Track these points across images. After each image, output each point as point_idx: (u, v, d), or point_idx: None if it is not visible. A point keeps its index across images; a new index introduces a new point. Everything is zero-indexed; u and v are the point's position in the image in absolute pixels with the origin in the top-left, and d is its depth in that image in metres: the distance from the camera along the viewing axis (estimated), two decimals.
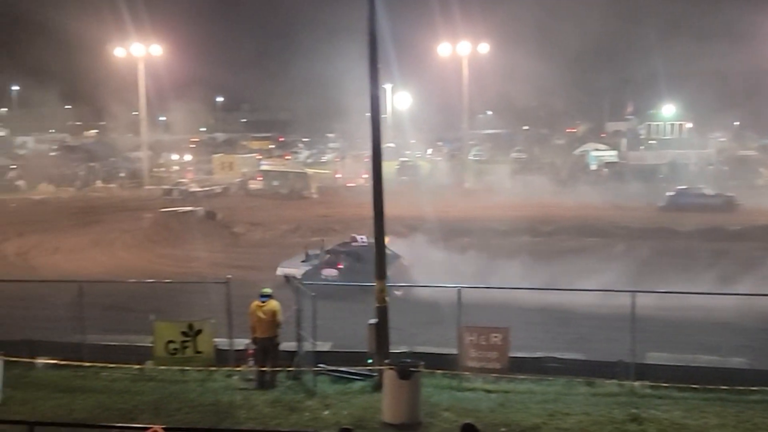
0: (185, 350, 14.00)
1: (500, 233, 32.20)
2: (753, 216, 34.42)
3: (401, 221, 32.95)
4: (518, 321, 14.82)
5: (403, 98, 78.19)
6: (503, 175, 52.42)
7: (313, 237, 33.04)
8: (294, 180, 49.93)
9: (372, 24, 13.26)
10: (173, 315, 15.80)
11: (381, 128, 14.02)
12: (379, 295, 13.36)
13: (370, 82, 13.52)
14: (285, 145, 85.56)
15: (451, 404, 12.31)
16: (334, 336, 15.44)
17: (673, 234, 31.01)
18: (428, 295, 17.65)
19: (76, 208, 41.43)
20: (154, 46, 55.81)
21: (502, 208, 39.41)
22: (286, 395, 12.86)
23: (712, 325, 16.51)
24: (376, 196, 13.76)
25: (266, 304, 13.58)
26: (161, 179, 55.15)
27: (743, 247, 27.70)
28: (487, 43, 57.85)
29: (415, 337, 15.59)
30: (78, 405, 12.22)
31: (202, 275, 19.84)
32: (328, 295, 15.70)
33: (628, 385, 12.96)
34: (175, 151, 71.01)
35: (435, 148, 75.92)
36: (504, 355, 13.40)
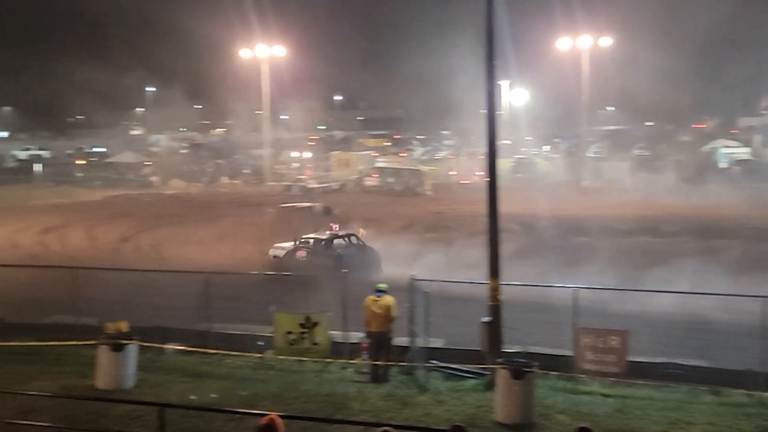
0: (303, 341, 14.48)
1: (619, 233, 31.12)
2: None
3: (515, 219, 32.52)
4: (636, 324, 14.30)
5: (519, 94, 77.01)
6: (623, 173, 50.60)
7: (426, 234, 33.31)
8: (408, 177, 50.30)
9: (489, 18, 13.17)
10: (292, 307, 16.34)
11: (496, 125, 13.92)
12: (492, 293, 13.28)
13: (486, 78, 13.45)
14: (400, 143, 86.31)
15: (565, 407, 12.07)
16: (447, 333, 15.51)
17: None
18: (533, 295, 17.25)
19: (204, 203, 43.64)
20: (277, 46, 57.79)
21: (621, 207, 38.07)
22: (398, 389, 13.03)
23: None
24: (490, 194, 13.67)
25: (381, 298, 13.81)
26: (282, 176, 57.04)
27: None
28: (609, 35, 55.97)
29: (529, 336, 15.39)
30: (204, 389, 12.90)
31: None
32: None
33: (758, 395, 12.25)
34: (295, 148, 73.21)
35: (552, 145, 74.29)
36: (622, 359, 13.00)
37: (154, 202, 45.48)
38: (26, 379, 13.11)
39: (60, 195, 50.23)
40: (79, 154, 71.58)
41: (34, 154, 74.03)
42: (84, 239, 31.99)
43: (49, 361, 14.59)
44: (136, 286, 20.61)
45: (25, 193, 50.32)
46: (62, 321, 16.95)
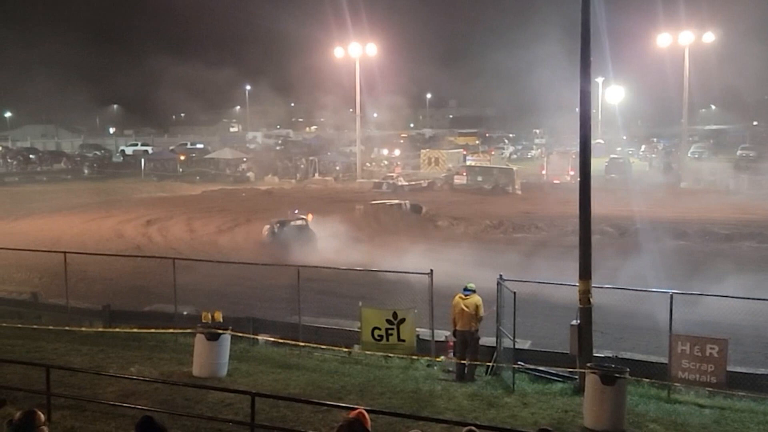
0: (389, 337, 14.59)
1: (720, 237, 29.82)
2: None
3: (608, 220, 31.69)
4: (738, 334, 13.67)
5: (615, 92, 74.81)
6: (726, 175, 48.34)
7: (515, 233, 32.93)
8: (498, 176, 49.79)
9: (585, 14, 12.85)
10: (379, 303, 16.52)
11: (590, 123, 13.60)
12: (583, 296, 12.99)
13: (581, 76, 13.14)
14: (490, 141, 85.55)
15: (658, 416, 11.68)
16: (534, 335, 15.30)
17: None
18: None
19: (297, 199, 44.64)
20: (370, 45, 58.37)
21: (723, 210, 36.43)
22: (484, 390, 12.96)
23: None
24: (583, 194, 13.36)
25: (469, 297, 13.76)
26: (372, 173, 57.61)
27: None
28: (712, 31, 53.55)
29: (622, 342, 14.99)
30: (293, 381, 13.23)
31: (407, 266, 20.49)
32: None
33: None
34: (386, 146, 73.79)
35: (649, 144, 71.81)
36: (721, 369, 12.44)
37: (249, 197, 46.87)
38: (128, 364, 13.83)
39: (162, 189, 52.61)
40: (181, 150, 74.63)
41: (139, 149, 77.78)
42: (184, 231, 33.33)
43: (150, 347, 15.32)
44: (232, 277, 21.34)
45: (130, 187, 53.00)
46: (162, 309, 17.77)
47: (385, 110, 78.24)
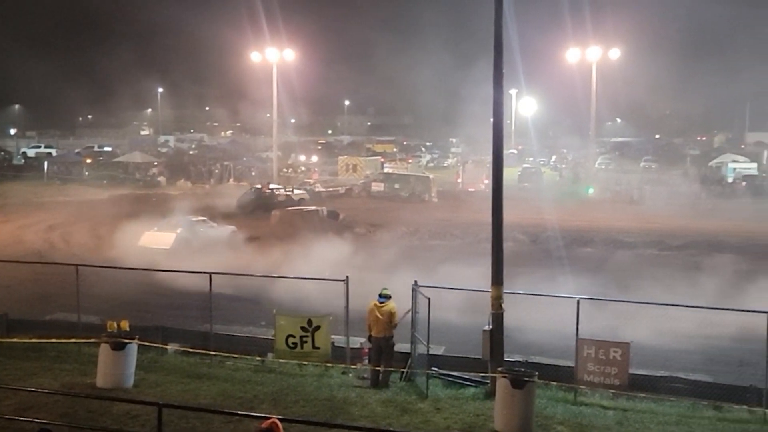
0: (304, 345, 14.45)
1: (624, 245, 31.07)
2: None
3: (520, 228, 32.52)
4: (638, 336, 14.23)
5: (527, 104, 77.00)
6: (630, 185, 50.51)
7: (431, 240, 33.33)
8: (415, 183, 50.33)
9: (498, 28, 13.19)
10: (294, 310, 16.33)
11: (503, 134, 13.92)
12: (495, 301, 13.25)
13: (494, 87, 13.45)
14: (408, 149, 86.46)
15: (565, 418, 12.02)
16: (448, 340, 15.48)
17: None
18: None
19: (208, 205, 43.65)
20: (288, 50, 57.94)
21: (627, 219, 38.00)
22: (398, 396, 13.01)
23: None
24: (495, 202, 13.67)
25: (384, 304, 13.79)
26: (289, 179, 57.15)
27: None
28: (618, 48, 55.97)
29: (532, 346, 15.35)
30: (203, 391, 12.90)
31: (323, 273, 20.39)
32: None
33: (760, 412, 12.17)
34: (303, 152, 73.40)
35: (559, 155, 74.26)
36: (624, 371, 12.93)
37: (160, 202, 45.55)
38: (27, 376, 13.15)
39: (66, 193, 50.42)
40: (88, 153, 71.91)
41: (42, 152, 74.44)
42: (88, 237, 32.08)
43: (51, 358, 14.62)
44: (140, 285, 20.65)
45: (31, 191, 50.55)
46: (65, 318, 17.00)
47: (303, 116, 77.92)
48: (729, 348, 15.81)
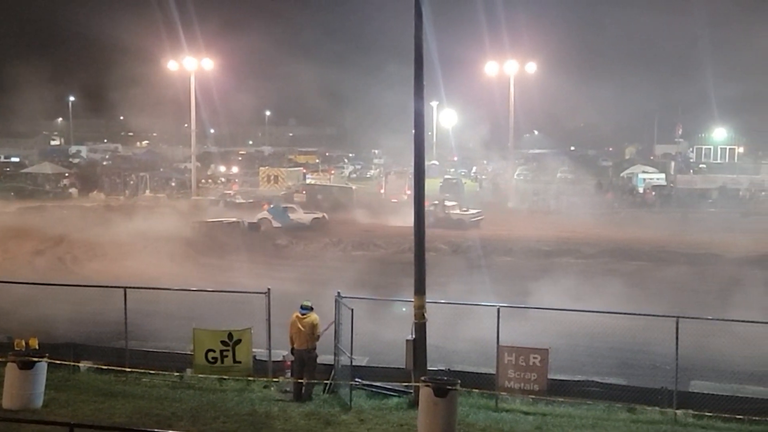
0: (224, 359, 14.13)
1: (541, 254, 31.87)
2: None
3: (442, 238, 32.94)
4: (556, 343, 14.59)
5: (448, 116, 78.22)
6: (547, 196, 51.96)
7: (354, 251, 33.35)
8: (338, 194, 50.27)
9: (418, 40, 13.33)
10: (214, 324, 15.96)
11: (425, 145, 14.05)
12: (418, 311, 13.32)
13: (415, 99, 13.57)
14: (330, 160, 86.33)
15: (487, 424, 12.18)
16: (372, 351, 15.46)
17: (718, 259, 30.18)
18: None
19: (125, 216, 42.31)
20: (206, 60, 56.95)
21: (545, 228, 39.02)
22: (321, 408, 12.88)
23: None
24: (417, 213, 13.77)
25: (306, 316, 13.65)
26: (208, 190, 56.09)
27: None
28: (534, 62, 57.61)
29: (454, 354, 15.49)
30: (118, 409, 12.42)
31: (244, 285, 20.05)
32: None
33: (671, 413, 12.65)
34: (223, 163, 72.21)
35: (480, 166, 75.69)
36: (543, 377, 13.22)
37: (70, 215, 43.77)
38: None
39: None
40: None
41: None
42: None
43: None
44: (53, 300, 19.73)
45: None
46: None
47: (222, 126, 76.70)
48: (642, 351, 16.36)
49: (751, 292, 23.14)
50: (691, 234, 36.98)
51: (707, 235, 35.34)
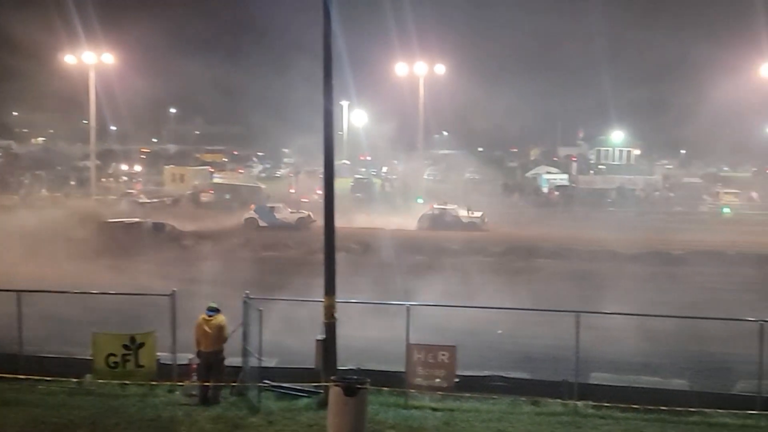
0: (126, 364, 13.66)
1: (450, 252, 32.43)
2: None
3: (353, 238, 32.99)
4: (463, 339, 14.86)
5: (359, 116, 78.46)
6: (455, 196, 52.90)
7: (264, 252, 32.91)
8: (247, 194, 49.55)
9: (327, 39, 13.27)
10: (116, 328, 15.38)
11: (335, 144, 14.01)
12: (327, 311, 13.26)
13: (324, 97, 13.50)
14: (239, 159, 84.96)
15: (396, 422, 12.26)
16: (281, 352, 15.28)
17: (616, 256, 31.54)
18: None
19: (18, 217, 40.23)
20: (106, 54, 54.85)
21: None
22: (229, 411, 12.64)
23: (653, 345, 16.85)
24: (327, 212, 13.70)
25: (213, 318, 13.34)
26: (110, 189, 54.09)
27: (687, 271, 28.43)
28: (443, 64, 58.54)
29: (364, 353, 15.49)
30: (11, 418, 11.79)
31: (148, 288, 19.41)
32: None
33: (572, 404, 13.09)
34: (125, 161, 69.85)
35: (390, 166, 76.27)
36: (451, 374, 13.42)
37: None
38: None
39: None
40: None
41: None
42: None
43: None
44: None
45: None
46: None
47: (125, 123, 74.04)
48: (545, 345, 16.86)
49: (646, 287, 24.39)
50: (591, 232, 38.54)
51: (606, 233, 36.90)
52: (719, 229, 41.13)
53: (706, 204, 53.51)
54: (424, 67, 56.48)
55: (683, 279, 26.01)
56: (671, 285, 24.77)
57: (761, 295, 23.15)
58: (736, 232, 39.12)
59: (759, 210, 51.44)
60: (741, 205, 52.82)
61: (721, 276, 26.88)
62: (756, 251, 32.20)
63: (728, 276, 26.96)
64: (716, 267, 28.67)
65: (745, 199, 54.76)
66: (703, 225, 42.55)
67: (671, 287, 24.11)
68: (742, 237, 36.55)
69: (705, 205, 53.06)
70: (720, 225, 43.80)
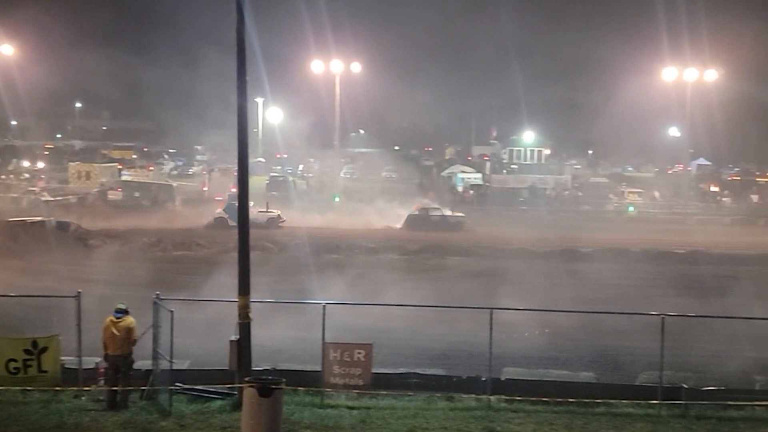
0: (28, 369, 13.06)
1: (367, 250, 32.54)
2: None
3: (268, 237, 32.64)
4: (382, 338, 14.92)
5: (275, 113, 77.55)
6: (373, 194, 53.10)
7: (175, 251, 32.10)
8: (157, 192, 48.23)
9: (240, 35, 13.06)
10: (17, 332, 14.64)
11: (249, 142, 13.79)
12: (242, 311, 13.04)
13: (238, 94, 13.28)
14: (149, 156, 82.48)
15: (312, 422, 12.19)
16: (194, 354, 14.94)
17: (527, 253, 32.44)
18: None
19: None
20: (5, 46, 52.17)
21: (371, 225, 39.95)
22: (138, 416, 12.26)
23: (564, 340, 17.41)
24: (241, 212, 13.48)
25: (121, 320, 12.89)
26: (10, 187, 51.48)
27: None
28: (359, 63, 58.67)
29: (280, 353, 15.34)
30: None
31: (52, 289, 18.60)
32: None
33: (485, 399, 13.35)
34: (27, 157, 66.67)
35: (306, 164, 75.80)
36: (367, 372, 13.45)
37: None
38: None
39: None
40: None
41: None
42: None
43: None
44: None
45: None
46: None
47: (26, 118, 70.61)
48: (461, 342, 17.12)
49: (556, 284, 25.20)
50: (504, 230, 39.51)
51: (518, 231, 37.92)
52: (624, 227, 42.92)
53: (612, 203, 55.70)
54: (340, 65, 56.43)
55: (591, 275, 26.95)
56: (580, 281, 25.63)
57: (663, 290, 24.29)
58: (640, 230, 40.91)
59: (661, 209, 53.97)
60: (644, 203, 55.28)
61: (626, 272, 28.04)
62: (658, 248, 33.79)
63: (633, 272, 28.16)
64: (621, 264, 29.88)
65: (648, 198, 57.33)
66: (609, 223, 44.31)
67: (580, 284, 24.94)
68: (645, 235, 38.24)
69: (611, 204, 55.23)
70: (625, 223, 45.72)
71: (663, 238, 37.25)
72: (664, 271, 29.14)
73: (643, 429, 12.30)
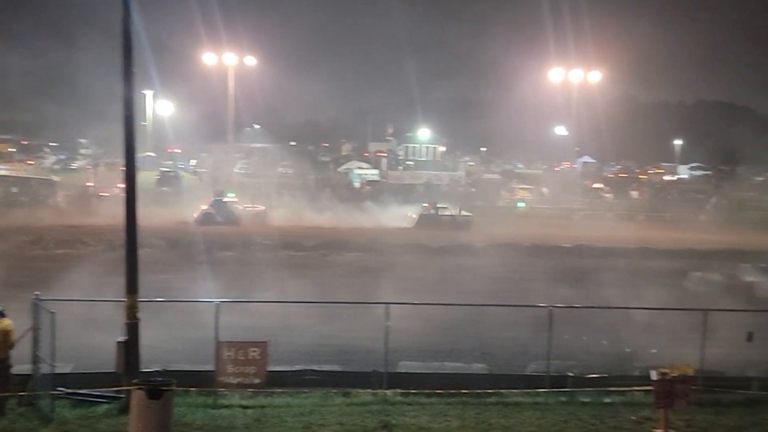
0: None
1: (263, 247, 32.10)
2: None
3: (159, 233, 31.58)
4: (276, 334, 14.74)
5: (165, 106, 75.22)
6: (268, 190, 52.45)
7: (57, 249, 30.56)
8: (37, 187, 45.68)
9: (126, 25, 12.54)
10: None
11: (137, 135, 13.28)
12: (129, 311, 12.54)
13: (124, 85, 12.75)
14: (28, 149, 78.03)
15: (204, 423, 11.90)
16: (78, 356, 14.24)
17: (424, 249, 33.00)
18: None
19: None
20: None
21: (264, 223, 39.44)
22: (17, 423, 11.61)
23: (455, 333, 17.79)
24: (128, 207, 12.94)
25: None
26: None
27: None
28: (254, 56, 57.74)
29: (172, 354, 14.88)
30: None
31: None
32: None
33: (381, 393, 13.45)
34: None
35: (199, 159, 73.98)
36: (262, 370, 13.25)
37: None
38: None
39: None
40: None
41: None
42: None
43: None
44: None
45: None
46: None
47: None
48: (357, 338, 17.16)
49: (450, 278, 25.75)
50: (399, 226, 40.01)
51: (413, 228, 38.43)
52: (515, 222, 44.36)
53: (503, 199, 57.44)
54: (234, 58, 55.35)
55: (484, 270, 27.66)
56: (473, 276, 26.26)
57: (551, 283, 25.28)
58: (529, 225, 42.39)
59: (548, 204, 56.15)
60: (533, 199, 57.34)
61: (517, 266, 29.01)
62: (546, 243, 35.13)
63: (524, 266, 29.17)
64: (513, 258, 30.90)
65: (537, 194, 59.51)
66: (501, 218, 45.65)
67: (473, 278, 25.56)
68: (534, 230, 39.66)
69: (502, 200, 56.94)
70: (515, 218, 47.25)
71: (551, 232, 38.75)
72: (552, 265, 30.36)
73: (532, 416, 12.74)
